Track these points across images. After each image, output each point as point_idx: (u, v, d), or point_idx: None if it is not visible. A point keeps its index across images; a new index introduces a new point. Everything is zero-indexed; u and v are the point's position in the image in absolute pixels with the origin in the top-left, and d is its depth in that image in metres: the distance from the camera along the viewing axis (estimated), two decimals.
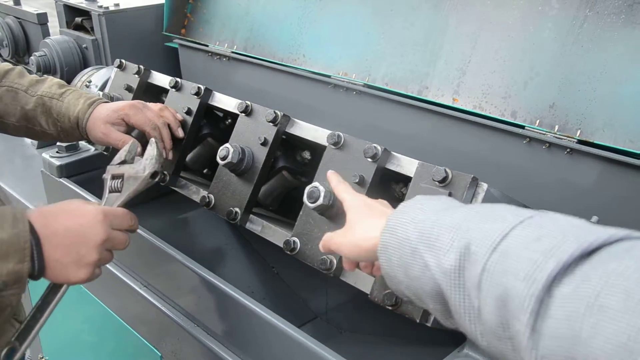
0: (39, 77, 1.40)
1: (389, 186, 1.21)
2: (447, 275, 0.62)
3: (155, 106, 1.43)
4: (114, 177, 1.11)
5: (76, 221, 0.94)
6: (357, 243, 0.85)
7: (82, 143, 1.81)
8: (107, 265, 1.56)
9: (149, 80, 1.66)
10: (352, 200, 0.94)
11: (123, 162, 1.12)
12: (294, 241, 1.18)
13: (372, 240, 0.80)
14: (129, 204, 1.11)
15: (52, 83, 1.39)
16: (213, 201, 1.37)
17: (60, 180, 1.71)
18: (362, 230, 0.86)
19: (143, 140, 1.29)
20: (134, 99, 1.64)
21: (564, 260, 0.52)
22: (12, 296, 0.86)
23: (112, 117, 1.35)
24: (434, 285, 0.65)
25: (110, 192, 1.10)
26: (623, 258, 0.50)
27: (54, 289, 0.98)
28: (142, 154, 1.14)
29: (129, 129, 1.37)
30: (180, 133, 1.45)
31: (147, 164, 1.10)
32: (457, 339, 1.05)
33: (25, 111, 1.34)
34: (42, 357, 2.08)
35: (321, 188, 1.09)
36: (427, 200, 0.75)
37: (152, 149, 1.11)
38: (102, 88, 1.94)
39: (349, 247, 0.87)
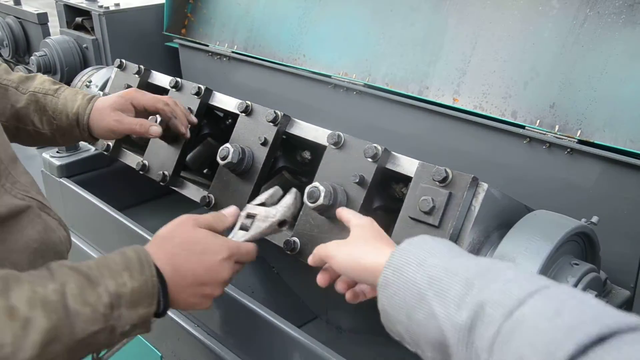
0: (27, 74, 1.30)
1: (389, 186, 1.21)
2: (457, 329, 0.62)
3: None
4: (248, 216, 1.08)
5: (205, 264, 0.91)
6: (357, 258, 0.84)
7: (82, 143, 1.80)
8: None
9: (149, 80, 1.65)
10: (361, 219, 0.95)
11: (262, 204, 1.09)
12: (294, 241, 1.18)
13: (375, 263, 0.79)
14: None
15: (43, 79, 1.31)
16: (213, 201, 1.37)
17: (61, 180, 1.71)
18: (367, 249, 0.85)
19: (147, 120, 1.30)
20: None
21: (584, 342, 0.52)
22: (133, 336, 0.84)
23: (120, 103, 1.27)
24: (439, 335, 0.64)
25: (240, 229, 1.06)
26: (636, 348, 0.51)
27: None
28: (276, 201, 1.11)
29: (137, 114, 1.31)
30: (193, 118, 1.41)
31: (280, 210, 1.07)
32: None
33: (16, 109, 1.24)
34: None
35: (321, 188, 1.09)
36: (434, 243, 0.75)
37: (290, 197, 1.08)
38: (103, 88, 1.93)
39: (345, 259, 0.86)
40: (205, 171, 1.64)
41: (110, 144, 1.62)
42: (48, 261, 0.89)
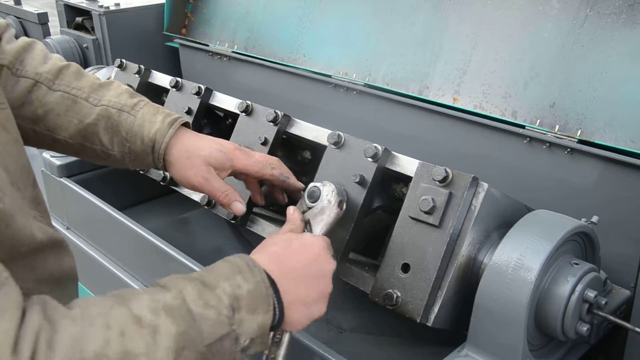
0: (101, 81, 1.11)
1: (389, 186, 1.21)
2: None
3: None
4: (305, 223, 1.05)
5: (308, 255, 0.88)
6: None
7: None
8: (108, 265, 1.57)
9: (150, 80, 1.66)
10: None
11: (304, 211, 1.05)
12: None
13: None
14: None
15: (120, 90, 1.11)
16: (213, 201, 1.37)
17: (61, 180, 1.71)
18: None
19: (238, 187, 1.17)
20: None
21: None
22: (253, 354, 0.80)
23: (219, 160, 1.08)
24: None
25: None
26: None
27: (275, 343, 0.90)
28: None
29: (231, 175, 1.15)
30: (298, 184, 1.22)
31: (330, 197, 1.04)
32: (457, 339, 1.05)
33: (84, 125, 1.05)
34: None
35: (322, 188, 1.09)
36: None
37: (329, 186, 1.05)
38: None
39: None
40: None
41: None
42: (66, 289, 0.87)
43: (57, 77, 1.06)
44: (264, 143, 1.31)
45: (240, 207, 1.12)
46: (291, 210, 1.03)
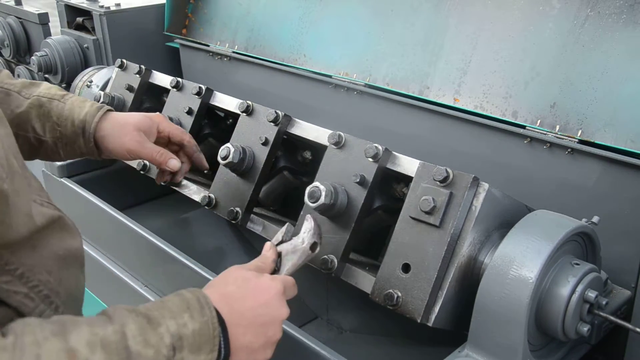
0: (32, 81, 1.21)
1: (390, 186, 1.21)
2: None
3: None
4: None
5: (261, 300, 0.88)
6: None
7: None
8: (108, 265, 1.57)
9: (150, 80, 1.66)
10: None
11: (280, 243, 1.05)
12: None
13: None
14: None
15: (49, 86, 1.20)
16: (214, 201, 1.37)
17: (62, 180, 1.71)
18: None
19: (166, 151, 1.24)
20: (135, 98, 1.64)
21: None
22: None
23: (146, 124, 1.19)
24: None
25: (271, 273, 1.01)
26: None
27: None
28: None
29: (157, 141, 1.24)
30: (204, 162, 1.38)
31: (305, 237, 1.03)
32: (457, 339, 1.04)
33: (16, 114, 1.13)
34: None
35: (322, 188, 1.09)
36: None
37: (309, 223, 1.04)
38: (104, 88, 1.94)
39: None
40: (206, 171, 1.64)
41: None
42: (72, 269, 0.87)
43: None
44: (265, 143, 1.31)
45: (175, 163, 1.23)
46: (267, 246, 1.03)
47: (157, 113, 1.27)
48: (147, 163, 1.55)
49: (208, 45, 2.21)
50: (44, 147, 1.16)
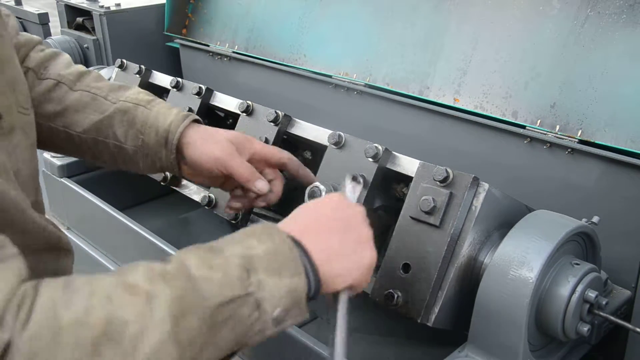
0: (121, 84, 1.15)
1: (389, 186, 1.21)
2: None
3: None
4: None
5: (330, 205, 0.80)
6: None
7: None
8: (108, 265, 1.57)
9: (150, 80, 1.66)
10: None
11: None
12: None
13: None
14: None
15: (139, 90, 1.12)
16: (214, 201, 1.37)
17: (62, 180, 1.71)
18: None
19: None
20: None
21: None
22: (289, 328, 0.71)
23: (240, 141, 1.06)
24: None
25: None
26: None
27: (333, 305, 0.80)
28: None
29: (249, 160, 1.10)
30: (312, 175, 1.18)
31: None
32: (457, 339, 1.04)
33: (100, 118, 1.06)
34: None
35: (322, 187, 1.09)
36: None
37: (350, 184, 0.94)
38: None
39: None
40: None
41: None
42: None
43: (79, 80, 1.09)
44: (265, 143, 1.31)
45: (264, 185, 1.07)
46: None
47: (253, 138, 1.13)
48: None
49: (208, 45, 2.21)
50: (122, 154, 1.09)
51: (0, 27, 0.80)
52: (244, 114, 1.37)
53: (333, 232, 0.76)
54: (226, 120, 1.63)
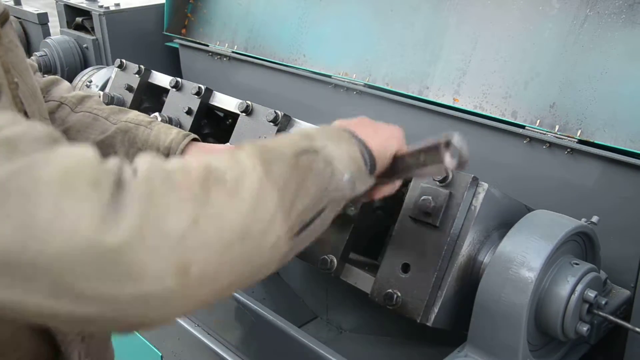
0: (122, 108, 1.20)
1: None
2: None
3: None
4: None
5: (364, 120, 0.89)
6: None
7: None
8: None
9: (150, 80, 1.66)
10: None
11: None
12: None
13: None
14: None
15: (138, 113, 1.18)
16: None
17: None
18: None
19: None
20: (134, 98, 1.64)
21: None
22: (360, 197, 0.79)
23: None
24: None
25: None
26: None
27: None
28: None
29: None
30: None
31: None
32: (457, 339, 1.05)
33: (101, 139, 1.10)
34: None
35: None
36: None
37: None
38: (103, 88, 1.94)
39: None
40: None
41: None
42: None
43: (80, 103, 1.12)
44: None
45: None
46: None
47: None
48: None
49: (208, 45, 2.21)
50: None
51: (14, 38, 0.80)
52: (244, 114, 1.37)
53: (367, 126, 0.86)
54: (225, 120, 1.63)
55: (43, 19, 2.58)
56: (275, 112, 1.31)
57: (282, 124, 1.32)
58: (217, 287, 0.56)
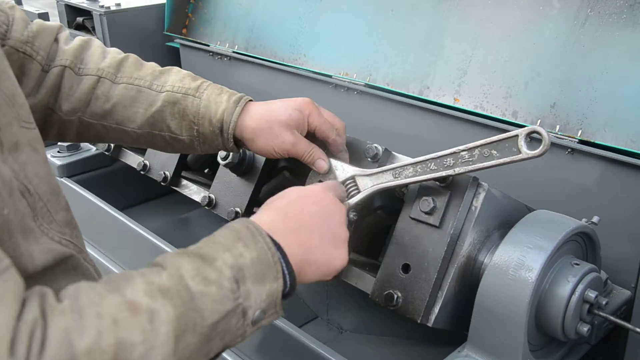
0: (160, 67, 1.12)
1: None
2: None
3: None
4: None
5: (310, 201, 0.83)
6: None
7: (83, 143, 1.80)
8: (108, 265, 1.57)
9: None
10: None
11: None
12: None
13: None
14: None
15: (182, 75, 1.11)
16: (214, 201, 1.37)
17: (62, 180, 1.71)
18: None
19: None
20: None
21: None
22: (266, 325, 0.75)
23: (298, 119, 1.07)
24: None
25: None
26: None
27: None
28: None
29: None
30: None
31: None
32: (457, 339, 1.05)
33: (151, 113, 1.05)
34: None
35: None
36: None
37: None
38: None
39: None
40: (206, 171, 1.64)
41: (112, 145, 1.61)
42: None
43: (119, 71, 1.07)
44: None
45: (323, 165, 1.11)
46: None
47: (307, 101, 1.12)
48: (147, 163, 1.55)
49: (208, 45, 2.21)
50: (179, 143, 1.09)
51: None
52: None
53: (313, 231, 0.81)
54: None
55: (43, 18, 2.57)
56: None
57: None
58: None
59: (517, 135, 0.92)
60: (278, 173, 1.42)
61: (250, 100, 1.10)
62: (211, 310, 0.66)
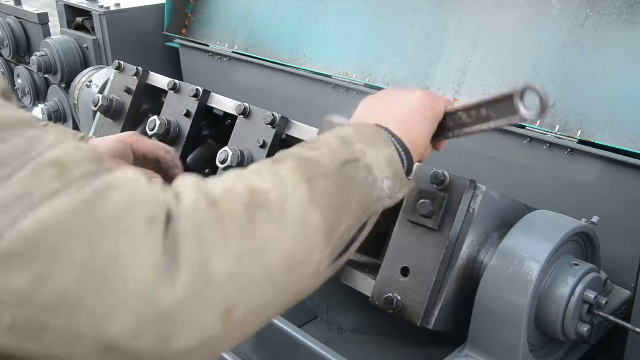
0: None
1: None
2: None
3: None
4: None
5: (388, 93, 0.89)
6: None
7: None
8: None
9: (148, 82, 1.65)
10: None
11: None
12: None
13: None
14: None
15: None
16: None
17: None
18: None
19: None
20: (133, 100, 1.64)
21: None
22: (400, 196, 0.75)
23: (120, 149, 1.12)
24: None
25: None
26: None
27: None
28: None
29: (135, 161, 1.15)
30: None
31: None
32: (457, 339, 1.05)
33: None
34: None
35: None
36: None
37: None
38: (103, 88, 1.93)
39: None
40: (206, 171, 1.64)
41: None
42: None
43: None
44: (262, 145, 1.31)
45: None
46: None
47: (130, 133, 1.19)
48: None
49: (208, 45, 2.21)
50: None
51: None
52: (241, 116, 1.37)
53: (398, 109, 0.84)
54: (225, 120, 1.63)
55: (43, 18, 2.57)
56: (272, 115, 1.31)
57: (279, 126, 1.31)
58: (259, 322, 0.56)
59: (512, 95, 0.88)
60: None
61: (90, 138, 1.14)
62: (329, 160, 0.67)
